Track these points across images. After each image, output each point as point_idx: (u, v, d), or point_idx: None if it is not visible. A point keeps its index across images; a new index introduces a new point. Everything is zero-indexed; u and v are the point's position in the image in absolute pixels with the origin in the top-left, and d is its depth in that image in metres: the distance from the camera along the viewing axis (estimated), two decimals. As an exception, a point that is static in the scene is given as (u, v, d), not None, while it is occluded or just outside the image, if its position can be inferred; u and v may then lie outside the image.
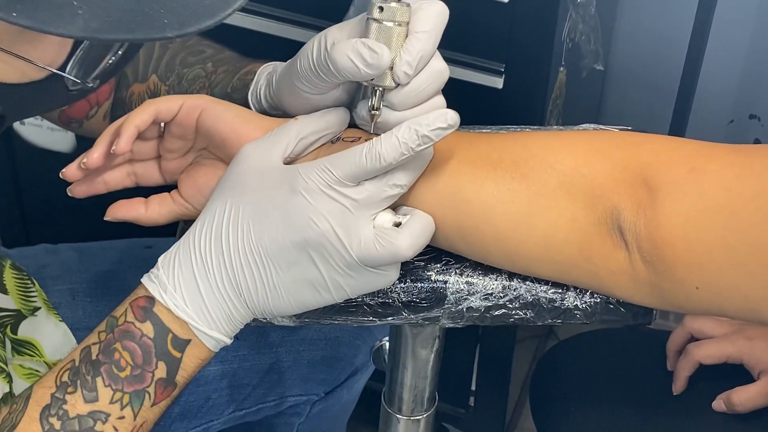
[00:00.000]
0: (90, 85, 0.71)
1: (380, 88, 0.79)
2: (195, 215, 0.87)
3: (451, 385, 1.67)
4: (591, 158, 0.77)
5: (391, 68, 0.78)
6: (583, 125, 0.92)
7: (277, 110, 0.88)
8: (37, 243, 1.26)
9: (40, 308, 1.13)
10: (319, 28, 0.82)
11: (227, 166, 0.85)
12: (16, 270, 1.14)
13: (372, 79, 0.78)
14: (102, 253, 1.21)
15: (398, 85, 0.79)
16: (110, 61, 0.72)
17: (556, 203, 0.77)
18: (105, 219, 0.87)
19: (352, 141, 0.83)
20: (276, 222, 0.77)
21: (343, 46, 0.77)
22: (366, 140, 0.82)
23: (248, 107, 0.90)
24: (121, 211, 0.87)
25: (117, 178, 0.89)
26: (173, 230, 0.91)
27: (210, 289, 0.78)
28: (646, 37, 1.68)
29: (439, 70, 0.80)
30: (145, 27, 0.58)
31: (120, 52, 0.71)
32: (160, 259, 0.81)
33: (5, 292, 1.10)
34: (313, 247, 0.77)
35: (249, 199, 0.78)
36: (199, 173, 0.87)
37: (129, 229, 0.97)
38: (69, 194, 0.88)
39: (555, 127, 0.93)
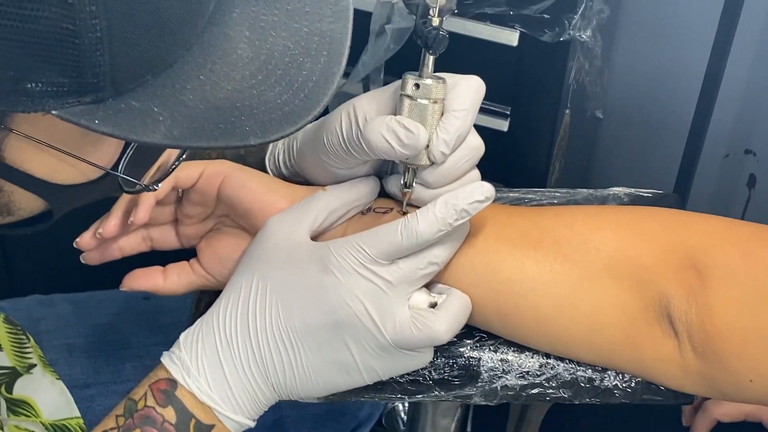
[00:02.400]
0: (152, 189, 0.67)
1: (414, 167, 0.76)
2: (215, 286, 0.83)
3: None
4: (637, 239, 0.74)
5: (427, 146, 0.74)
6: (613, 189, 0.89)
7: (298, 177, 0.84)
8: (19, 287, 1.21)
9: (35, 365, 1.08)
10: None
11: (250, 236, 0.81)
12: (10, 324, 1.09)
13: (406, 158, 0.75)
14: (98, 305, 1.17)
15: (433, 163, 0.75)
16: (174, 165, 0.68)
17: (601, 286, 0.73)
18: (121, 289, 0.83)
19: (384, 212, 0.79)
20: (306, 302, 0.73)
21: (376, 125, 0.73)
22: (398, 211, 0.79)
23: (264, 170, 0.87)
24: (138, 282, 0.82)
25: (132, 243, 0.84)
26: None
27: (235, 371, 0.74)
28: (642, 75, 1.66)
29: (475, 146, 0.76)
30: (228, 134, 0.55)
31: (183, 158, 0.67)
32: (181, 338, 0.76)
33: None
34: (345, 329, 0.73)
35: (277, 277, 0.74)
36: (220, 243, 0.83)
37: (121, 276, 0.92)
38: (82, 261, 0.83)
39: (586, 191, 0.90)
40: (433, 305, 0.74)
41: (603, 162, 1.74)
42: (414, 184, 0.77)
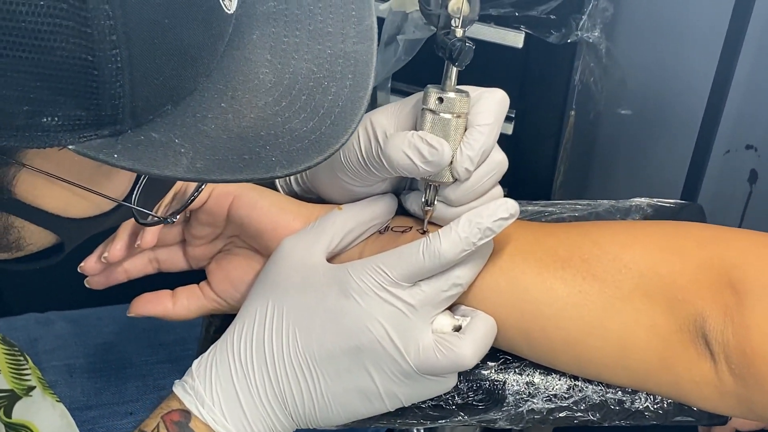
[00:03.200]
0: (170, 221, 0.64)
1: (436, 184, 0.73)
2: (227, 310, 0.80)
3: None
4: (669, 257, 0.71)
5: (450, 163, 0.71)
6: (636, 200, 0.86)
7: (311, 194, 0.81)
8: (13, 303, 1.17)
9: (35, 387, 1.05)
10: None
11: (263, 257, 0.78)
12: (7, 345, 1.05)
13: (428, 175, 0.72)
14: (97, 323, 1.13)
15: (456, 180, 0.72)
16: (193, 197, 0.65)
17: (633, 307, 0.70)
18: (128, 315, 0.79)
19: (402, 231, 0.76)
20: (325, 327, 0.70)
21: (398, 141, 0.70)
22: (418, 230, 0.76)
23: (273, 187, 0.83)
24: (146, 308, 0.79)
25: (138, 265, 0.81)
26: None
27: (252, 401, 0.71)
28: (647, 74, 1.63)
29: (499, 161, 0.73)
30: (253, 166, 0.52)
31: (202, 189, 0.64)
32: (194, 366, 0.73)
33: (-4, 370, 1.02)
34: (366, 355, 0.70)
35: (294, 302, 0.71)
36: (231, 265, 0.79)
37: (119, 292, 0.88)
38: (87, 285, 0.80)
39: (608, 202, 0.87)
40: (458, 328, 0.71)
41: (607, 163, 1.72)
42: (435, 202, 0.74)
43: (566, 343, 0.72)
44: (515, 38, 1.23)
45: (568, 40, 1.20)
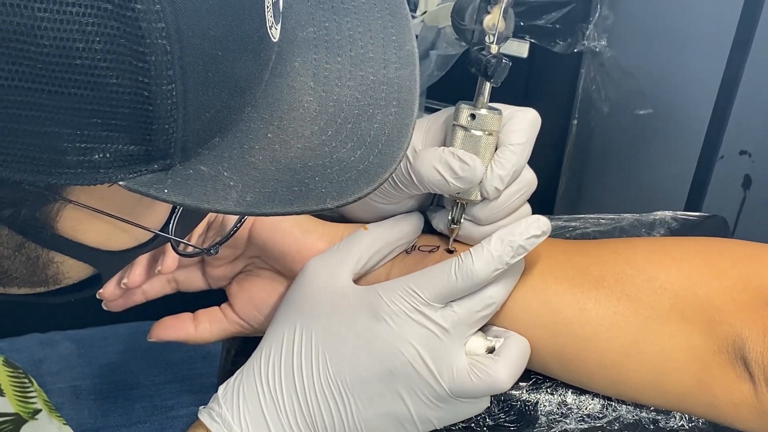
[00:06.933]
0: (212, 253, 0.62)
1: (464, 202, 0.71)
2: (251, 333, 0.78)
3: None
4: (705, 277, 0.69)
5: (479, 181, 0.70)
6: (659, 213, 0.85)
7: (334, 212, 0.79)
8: (14, 323, 1.15)
9: (40, 410, 1.02)
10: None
11: (286, 279, 0.76)
12: (11, 367, 1.03)
13: (457, 192, 0.70)
14: (102, 342, 1.11)
15: (484, 198, 0.71)
16: (236, 228, 0.63)
17: (670, 328, 0.69)
18: (149, 340, 0.77)
19: (429, 251, 0.75)
20: (356, 351, 0.68)
21: (428, 157, 0.69)
22: (446, 250, 0.74)
23: None
24: (167, 332, 0.77)
25: (156, 287, 0.79)
26: (181, 308, 0.81)
27: (281, 427, 0.69)
28: (649, 80, 1.63)
29: (529, 181, 0.72)
30: (303, 198, 0.50)
31: (245, 218, 0.62)
32: (220, 392, 0.71)
33: (1, 393, 1.00)
34: (399, 379, 0.68)
35: (322, 326, 0.69)
36: (254, 287, 0.77)
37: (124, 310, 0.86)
38: (105, 308, 0.78)
39: (632, 216, 0.86)
40: (491, 350, 0.70)
41: (607, 170, 1.71)
42: (462, 220, 0.72)
43: (601, 366, 0.71)
44: (520, 48, 1.22)
45: (575, 50, 1.20)
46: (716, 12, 1.40)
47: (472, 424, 0.75)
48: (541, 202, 1.37)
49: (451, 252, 0.74)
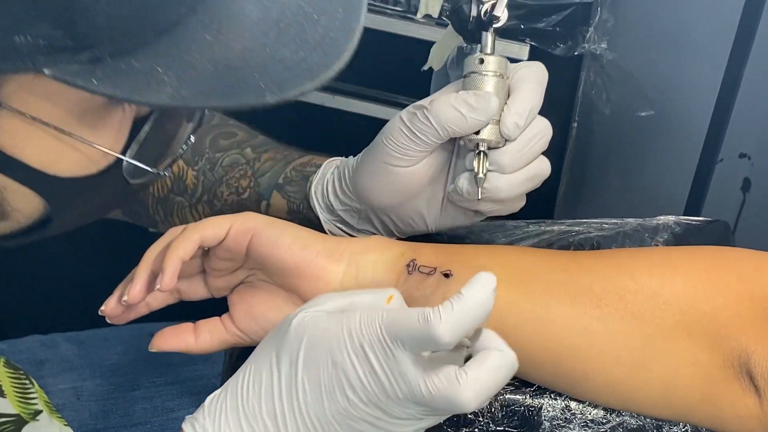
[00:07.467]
0: (163, 174, 0.61)
1: (485, 148, 0.71)
2: (250, 344, 0.77)
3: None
4: (710, 291, 0.69)
5: (497, 123, 0.71)
6: (662, 218, 0.85)
7: (348, 206, 0.79)
8: (13, 324, 1.15)
9: (41, 411, 1.02)
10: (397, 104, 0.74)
11: (286, 292, 0.76)
12: (12, 368, 1.03)
13: (477, 144, 0.71)
14: (103, 344, 1.11)
15: (505, 143, 0.72)
16: (182, 151, 0.62)
17: (675, 345, 0.68)
18: (150, 350, 0.77)
19: (428, 273, 0.74)
20: (332, 382, 0.64)
21: (443, 98, 0.70)
22: (442, 273, 0.73)
23: (306, 200, 0.82)
24: (168, 343, 0.76)
25: (159, 298, 0.78)
26: (183, 313, 0.81)
27: None
28: (649, 83, 1.63)
29: (545, 125, 0.73)
30: (242, 93, 0.50)
31: (192, 140, 0.61)
32: (206, 403, 0.69)
33: (2, 394, 1.00)
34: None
35: (303, 354, 0.65)
36: (254, 299, 0.77)
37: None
38: (108, 321, 0.77)
39: (634, 221, 0.86)
40: (468, 357, 0.61)
41: (606, 173, 1.72)
42: (487, 172, 0.72)
43: (608, 384, 0.70)
44: (520, 50, 1.23)
45: (575, 53, 1.20)
46: (716, 16, 1.41)
47: (476, 430, 0.75)
48: (541, 205, 1.38)
49: (447, 276, 0.73)
